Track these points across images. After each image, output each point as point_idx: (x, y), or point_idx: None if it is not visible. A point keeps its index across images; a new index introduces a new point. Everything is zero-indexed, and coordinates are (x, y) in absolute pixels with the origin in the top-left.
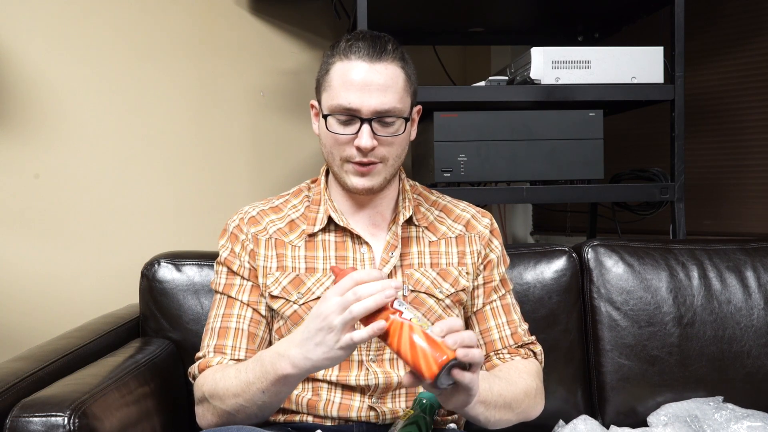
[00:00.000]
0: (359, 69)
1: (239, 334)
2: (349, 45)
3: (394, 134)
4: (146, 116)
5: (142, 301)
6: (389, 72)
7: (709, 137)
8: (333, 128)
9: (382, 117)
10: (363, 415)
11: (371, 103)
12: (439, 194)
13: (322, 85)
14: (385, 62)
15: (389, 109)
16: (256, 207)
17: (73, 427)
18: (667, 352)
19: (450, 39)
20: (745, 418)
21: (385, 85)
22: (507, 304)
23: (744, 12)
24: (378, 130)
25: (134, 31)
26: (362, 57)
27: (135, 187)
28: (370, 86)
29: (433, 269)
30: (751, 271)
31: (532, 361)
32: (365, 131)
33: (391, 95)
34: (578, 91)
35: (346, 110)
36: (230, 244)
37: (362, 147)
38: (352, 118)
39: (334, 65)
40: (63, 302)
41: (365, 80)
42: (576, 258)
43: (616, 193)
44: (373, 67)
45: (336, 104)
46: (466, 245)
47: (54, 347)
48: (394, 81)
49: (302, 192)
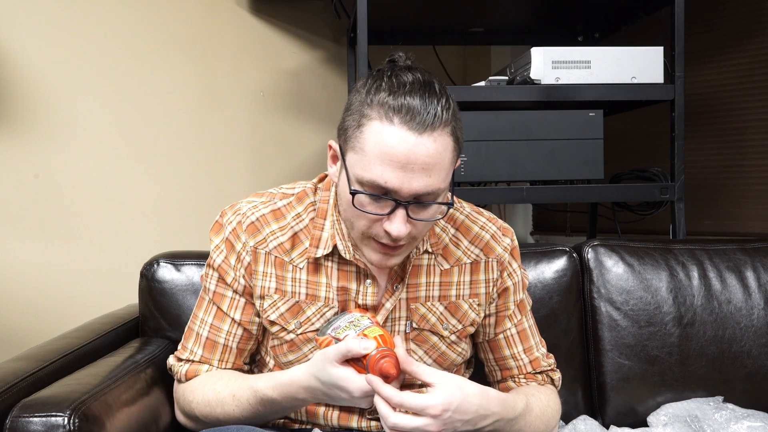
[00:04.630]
0: (404, 142)
1: (227, 351)
2: (395, 102)
3: (431, 219)
4: (146, 116)
5: (141, 301)
6: (438, 146)
7: (709, 137)
8: (362, 205)
9: (421, 199)
10: (363, 425)
11: (413, 185)
12: (458, 203)
13: (351, 139)
14: (436, 133)
15: (432, 191)
16: (255, 210)
17: (73, 427)
18: (667, 352)
19: (450, 39)
20: (745, 418)
21: (432, 164)
22: (523, 329)
23: (744, 12)
24: (414, 212)
25: (134, 31)
26: (410, 125)
27: (135, 187)
28: (414, 165)
29: (442, 302)
30: (751, 271)
31: (550, 388)
32: (400, 217)
33: (436, 176)
34: (578, 91)
35: (381, 189)
36: (225, 250)
37: (393, 235)
38: (385, 195)
39: (371, 124)
40: (63, 302)
41: (409, 158)
42: (576, 258)
43: (616, 193)
44: (420, 141)
45: (369, 179)
46: (481, 272)
47: (54, 347)
48: (442, 157)
49: (307, 197)
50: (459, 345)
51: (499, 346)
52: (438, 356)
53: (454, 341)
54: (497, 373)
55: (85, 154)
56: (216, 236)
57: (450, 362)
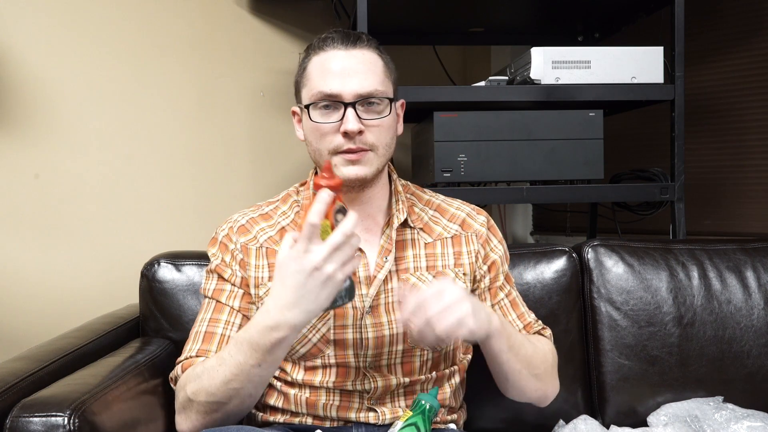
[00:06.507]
0: (336, 56)
1: (225, 341)
2: (322, 38)
3: (380, 116)
4: (146, 116)
5: (142, 301)
6: (366, 57)
7: (709, 137)
8: (316, 118)
9: (365, 99)
10: (362, 416)
11: (352, 86)
12: (432, 193)
13: (301, 83)
14: (362, 49)
15: (371, 91)
16: (245, 215)
17: (73, 427)
18: (667, 352)
19: (450, 39)
20: (745, 418)
21: (365, 69)
22: (513, 299)
23: (744, 12)
24: (363, 113)
25: (134, 31)
26: (337, 46)
27: (135, 187)
28: (349, 70)
29: (430, 272)
30: (751, 271)
31: (546, 341)
32: (350, 115)
33: (371, 78)
34: (578, 91)
35: (327, 96)
36: (220, 254)
37: (349, 131)
38: (334, 104)
39: (311, 60)
40: (63, 302)
41: (343, 66)
42: (576, 258)
43: (616, 193)
44: (349, 53)
45: (316, 92)
46: (462, 245)
47: (54, 347)
48: (372, 65)
49: (291, 197)
50: None
51: None
52: None
53: None
54: None
55: (85, 154)
56: (212, 247)
57: None
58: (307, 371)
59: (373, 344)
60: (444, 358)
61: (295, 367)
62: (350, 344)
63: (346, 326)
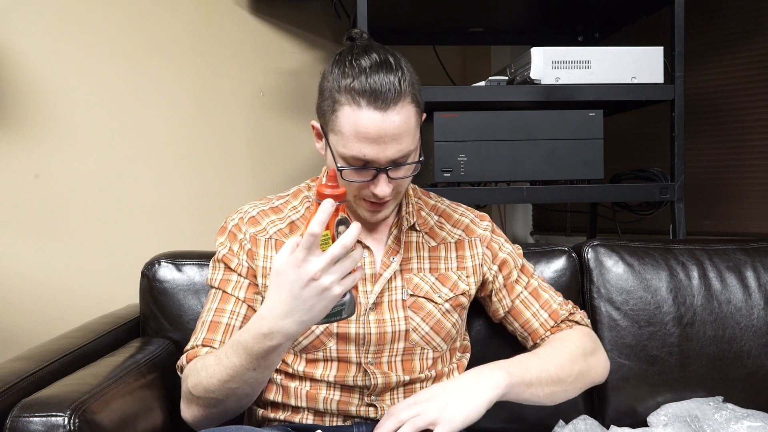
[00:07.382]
0: (373, 120)
1: (230, 330)
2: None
3: (409, 173)
4: (146, 116)
5: (142, 301)
6: (402, 117)
7: (709, 137)
8: (348, 176)
9: (396, 162)
10: (362, 410)
11: (387, 154)
12: (437, 197)
13: (329, 122)
14: (399, 106)
15: (406, 153)
16: (256, 207)
17: (73, 427)
18: (667, 352)
19: (450, 39)
20: (745, 418)
21: (400, 133)
22: (534, 289)
23: (744, 12)
24: (392, 173)
25: (134, 31)
26: (375, 105)
27: (135, 187)
28: (385, 137)
29: (432, 274)
30: (751, 271)
31: (576, 328)
32: (383, 181)
33: (405, 141)
34: (578, 91)
35: (361, 161)
36: (228, 243)
37: (380, 196)
38: (366, 165)
39: (343, 109)
40: (63, 302)
41: (380, 133)
42: (576, 258)
43: (616, 193)
44: (386, 118)
45: (350, 155)
46: (465, 249)
47: (54, 347)
48: (407, 125)
49: (302, 192)
50: (452, 315)
51: (519, 312)
52: (434, 324)
53: (448, 309)
54: (528, 341)
55: (86, 154)
56: (221, 236)
57: (446, 332)
58: (308, 363)
59: (375, 340)
60: (443, 358)
61: (296, 359)
62: (352, 339)
63: (350, 321)
